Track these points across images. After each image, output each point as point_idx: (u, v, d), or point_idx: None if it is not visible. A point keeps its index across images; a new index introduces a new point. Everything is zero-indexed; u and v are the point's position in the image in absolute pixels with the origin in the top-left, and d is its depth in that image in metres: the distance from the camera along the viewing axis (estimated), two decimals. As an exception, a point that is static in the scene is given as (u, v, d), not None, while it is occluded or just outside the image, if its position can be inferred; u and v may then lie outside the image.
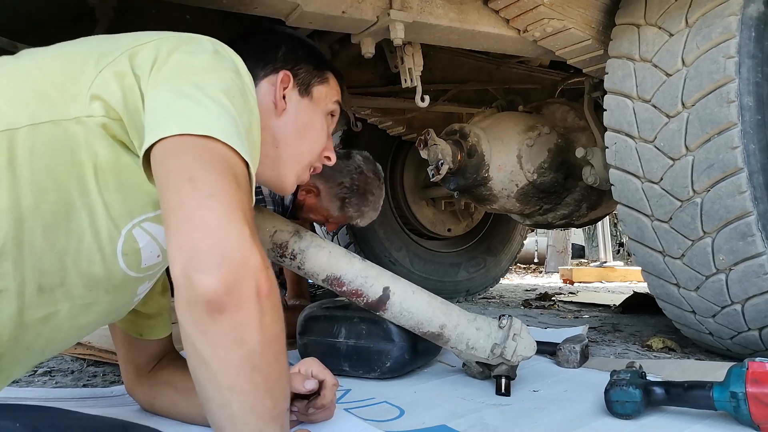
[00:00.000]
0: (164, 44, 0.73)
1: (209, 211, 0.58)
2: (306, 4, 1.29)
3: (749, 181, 1.28)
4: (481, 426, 1.01)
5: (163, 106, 0.66)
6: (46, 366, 1.42)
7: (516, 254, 3.52)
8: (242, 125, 0.68)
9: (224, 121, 0.65)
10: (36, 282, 0.66)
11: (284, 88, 0.95)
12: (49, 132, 0.65)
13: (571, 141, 2.09)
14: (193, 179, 0.59)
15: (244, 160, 0.66)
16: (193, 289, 0.56)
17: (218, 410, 0.61)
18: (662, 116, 1.40)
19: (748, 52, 1.29)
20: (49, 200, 0.65)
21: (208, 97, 0.66)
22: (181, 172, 0.60)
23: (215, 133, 0.63)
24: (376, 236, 2.91)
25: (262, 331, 0.59)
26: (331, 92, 1.04)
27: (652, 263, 1.53)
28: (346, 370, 1.34)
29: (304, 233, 1.24)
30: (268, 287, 0.59)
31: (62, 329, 0.73)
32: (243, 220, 0.59)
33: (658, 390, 1.02)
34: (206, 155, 0.62)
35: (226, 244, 0.57)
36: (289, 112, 0.96)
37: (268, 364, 0.61)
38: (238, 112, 0.69)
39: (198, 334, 0.58)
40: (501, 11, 1.53)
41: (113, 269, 0.73)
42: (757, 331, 1.41)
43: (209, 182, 0.60)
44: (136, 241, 0.73)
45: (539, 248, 9.40)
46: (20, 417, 0.57)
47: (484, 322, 1.24)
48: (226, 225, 0.58)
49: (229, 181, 0.61)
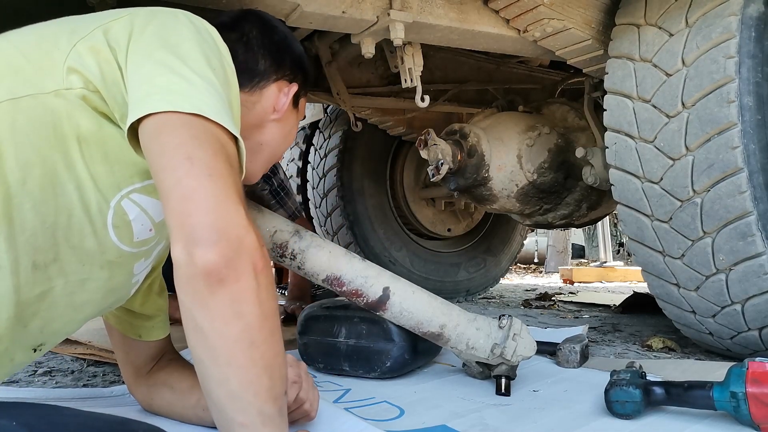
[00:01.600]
0: (138, 18, 0.73)
1: (207, 191, 0.60)
2: (306, 4, 1.29)
3: (749, 181, 1.28)
4: (481, 426, 1.01)
5: (148, 79, 0.66)
6: (46, 366, 1.42)
7: (516, 254, 3.52)
8: (226, 100, 0.69)
9: (212, 98, 0.66)
10: (30, 259, 0.66)
11: (285, 99, 0.99)
12: (28, 106, 0.65)
13: (571, 141, 2.09)
14: (191, 158, 0.60)
15: (233, 137, 0.66)
16: (194, 263, 0.58)
17: (217, 387, 0.62)
18: (662, 116, 1.40)
19: (748, 52, 1.29)
20: (35, 175, 0.65)
21: (193, 71, 0.67)
22: (178, 150, 0.61)
23: (206, 112, 0.64)
24: (376, 236, 2.91)
25: (259, 304, 0.61)
26: (304, 103, 1.11)
27: (652, 263, 1.53)
28: (346, 369, 1.34)
29: (304, 233, 1.24)
30: (263, 263, 0.62)
31: (58, 306, 0.73)
32: (238, 200, 0.62)
33: (658, 390, 1.02)
34: (200, 134, 0.63)
35: (224, 222, 0.59)
36: (282, 119, 1.00)
37: (264, 340, 0.62)
38: (221, 85, 0.69)
39: (198, 308, 0.60)
40: (501, 11, 1.53)
41: (105, 243, 0.73)
42: (757, 331, 1.41)
43: (206, 162, 0.61)
44: (126, 213, 0.73)
45: (539, 248, 9.40)
46: (17, 415, 0.57)
47: (484, 322, 1.24)
48: (224, 204, 0.60)
49: (224, 161, 0.63)
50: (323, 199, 2.94)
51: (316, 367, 1.37)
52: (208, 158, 0.61)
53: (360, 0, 1.36)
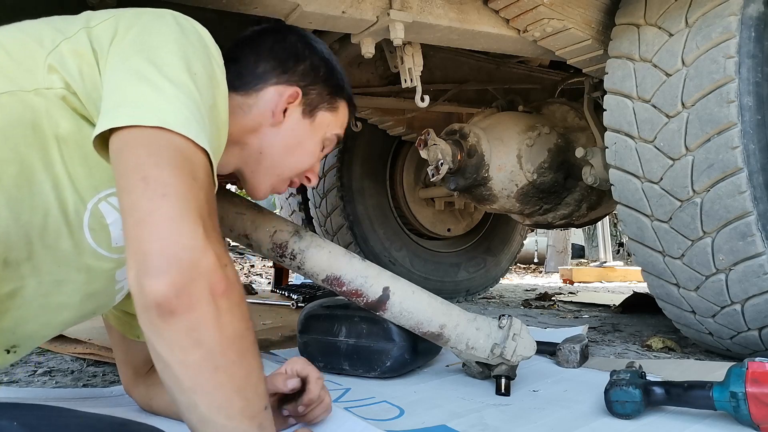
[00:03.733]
0: (123, 19, 0.72)
1: (160, 213, 0.57)
2: (306, 4, 1.29)
3: (749, 181, 1.28)
4: (481, 426, 1.01)
5: (119, 88, 0.64)
6: (46, 366, 1.42)
7: (516, 254, 3.52)
8: (204, 104, 0.66)
9: (181, 107, 0.63)
10: (1, 256, 0.65)
11: (289, 103, 0.93)
12: (7, 103, 0.64)
13: (571, 141, 2.09)
14: (146, 178, 0.58)
15: (203, 148, 0.63)
16: (144, 294, 0.55)
17: (187, 412, 0.60)
18: (662, 116, 1.40)
19: (748, 52, 1.29)
20: (10, 173, 0.64)
21: (166, 77, 0.64)
22: (133, 171, 0.59)
23: (170, 124, 0.61)
24: (376, 236, 2.91)
25: (219, 330, 0.58)
26: (336, 122, 1.02)
27: (652, 263, 1.53)
28: (346, 369, 1.34)
29: (304, 233, 1.24)
30: (224, 286, 0.58)
31: (31, 307, 0.72)
32: (197, 219, 0.58)
33: (658, 390, 1.02)
34: (160, 150, 0.60)
35: (176, 247, 0.56)
36: (284, 127, 0.94)
37: (232, 363, 0.59)
38: (199, 89, 0.66)
39: (155, 338, 0.57)
40: (501, 11, 1.53)
41: (82, 245, 0.71)
42: (756, 331, 1.41)
43: (161, 181, 0.58)
44: (103, 217, 0.71)
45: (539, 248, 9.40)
46: (18, 416, 0.57)
47: (484, 322, 1.24)
48: (177, 226, 0.57)
49: (184, 177, 0.59)
50: (323, 199, 2.94)
51: (316, 366, 1.37)
52: (164, 177, 0.58)
53: (360, 0, 1.36)
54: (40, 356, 1.52)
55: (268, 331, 1.91)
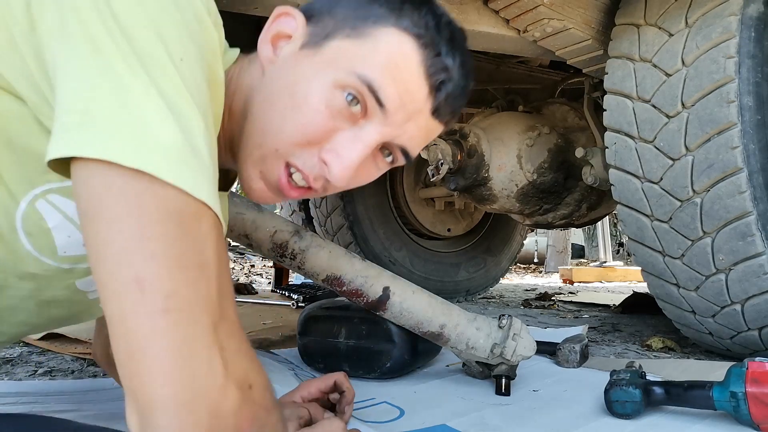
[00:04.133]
0: None
1: (164, 341, 0.42)
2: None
3: (749, 181, 1.28)
4: (481, 426, 1.01)
5: (82, 90, 0.43)
6: (46, 366, 1.43)
7: (516, 254, 3.52)
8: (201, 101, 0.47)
9: (171, 133, 0.44)
10: None
11: (278, 34, 0.65)
12: None
13: (571, 141, 2.10)
14: (140, 281, 0.42)
15: (206, 204, 0.45)
16: None
17: None
18: (662, 116, 1.40)
19: (748, 52, 1.29)
20: None
21: (148, 74, 0.44)
22: (118, 260, 0.42)
23: (156, 166, 0.42)
24: (376, 236, 2.91)
25: None
26: (370, 56, 0.60)
27: (652, 263, 1.53)
28: (346, 370, 1.33)
29: (304, 233, 1.24)
30: (249, 424, 0.45)
31: None
32: (210, 337, 0.44)
33: (658, 390, 1.02)
34: (152, 225, 0.43)
35: (190, 392, 0.42)
36: (272, 68, 0.64)
37: None
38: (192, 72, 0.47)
39: None
40: (501, 11, 1.53)
41: (18, 252, 0.58)
42: (756, 331, 1.41)
43: (160, 287, 0.42)
44: (42, 219, 0.57)
45: (539, 248, 9.41)
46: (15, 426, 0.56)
47: (484, 321, 1.24)
48: (187, 361, 0.42)
49: (189, 272, 0.44)
50: (323, 199, 2.94)
51: (316, 368, 1.37)
52: (164, 280, 0.42)
53: (360, 0, 1.36)
54: (41, 356, 1.52)
55: (268, 330, 1.91)
